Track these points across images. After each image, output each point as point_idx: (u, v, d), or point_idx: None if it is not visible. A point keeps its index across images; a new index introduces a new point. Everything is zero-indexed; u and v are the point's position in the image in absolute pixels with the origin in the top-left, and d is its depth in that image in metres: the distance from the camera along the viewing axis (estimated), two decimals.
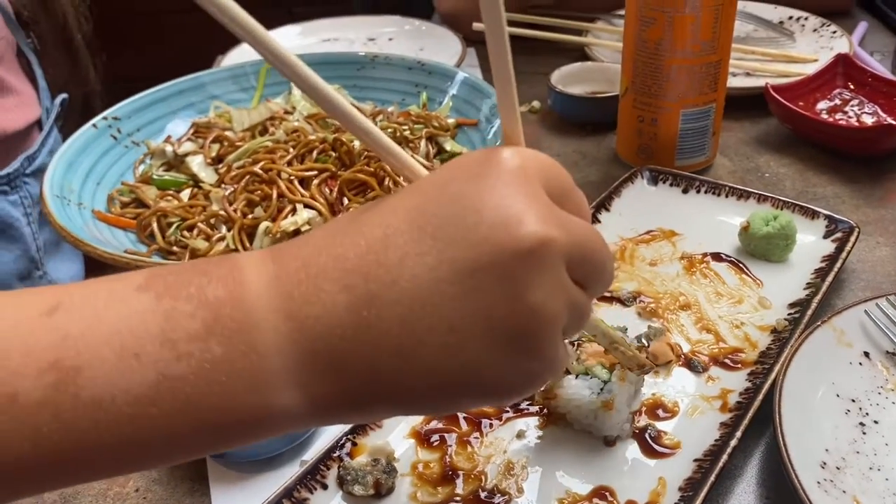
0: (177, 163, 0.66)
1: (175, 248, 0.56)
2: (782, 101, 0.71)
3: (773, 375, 0.45)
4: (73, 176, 0.60)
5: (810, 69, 0.80)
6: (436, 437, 0.44)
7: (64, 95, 0.79)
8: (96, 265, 0.49)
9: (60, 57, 0.80)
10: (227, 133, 0.69)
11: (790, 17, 0.93)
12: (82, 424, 0.25)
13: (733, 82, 0.81)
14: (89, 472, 0.27)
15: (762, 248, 0.56)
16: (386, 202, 0.29)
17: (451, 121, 0.70)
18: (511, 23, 0.94)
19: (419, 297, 0.27)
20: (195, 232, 0.57)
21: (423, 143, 0.67)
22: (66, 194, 0.58)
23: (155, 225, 0.58)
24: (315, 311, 0.27)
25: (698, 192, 0.63)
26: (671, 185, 0.64)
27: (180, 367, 0.25)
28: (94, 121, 0.66)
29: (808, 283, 0.53)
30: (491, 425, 0.45)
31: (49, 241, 0.73)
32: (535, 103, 0.83)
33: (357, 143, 0.63)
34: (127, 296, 0.26)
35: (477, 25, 0.92)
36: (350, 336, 0.26)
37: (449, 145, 0.68)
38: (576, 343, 0.46)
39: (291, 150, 0.63)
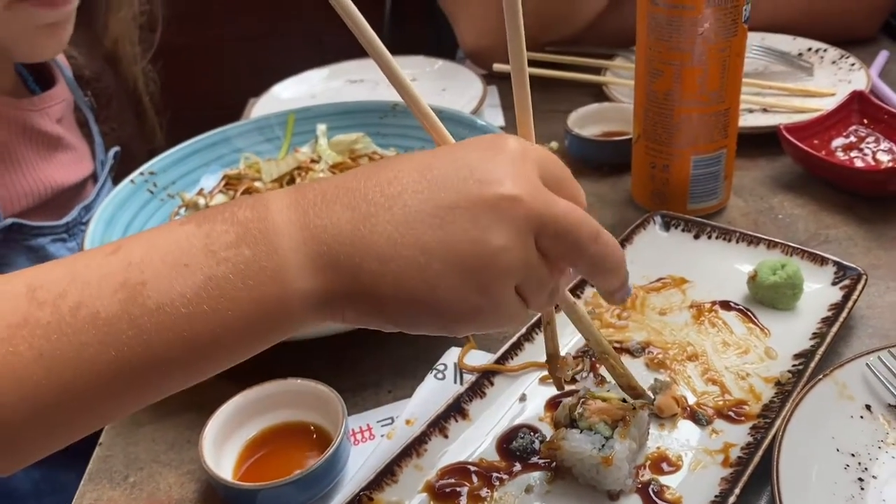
0: None
1: None
2: (795, 142, 0.72)
3: (773, 430, 0.47)
4: (113, 231, 0.64)
5: (828, 103, 0.81)
6: (448, 490, 0.46)
7: (117, 148, 0.84)
8: None
9: (127, 116, 0.85)
10: (257, 184, 0.72)
11: (809, 49, 0.94)
12: (151, 327, 0.32)
13: (749, 120, 0.82)
14: (159, 375, 0.33)
15: (770, 296, 0.57)
16: (405, 156, 0.37)
17: None
18: (529, 63, 0.96)
19: (405, 220, 0.34)
20: None
21: None
22: None
23: None
24: (323, 223, 0.34)
25: (709, 237, 0.65)
26: (683, 230, 0.66)
27: (220, 269, 0.32)
28: (131, 176, 0.70)
29: (814, 333, 0.54)
30: (501, 480, 0.47)
31: None
32: (553, 144, 0.85)
33: None
34: (174, 228, 0.34)
35: (497, 66, 0.94)
36: (348, 242, 0.34)
37: None
38: (581, 399, 0.48)
39: None
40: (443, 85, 0.98)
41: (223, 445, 0.49)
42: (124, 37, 0.83)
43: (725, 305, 0.59)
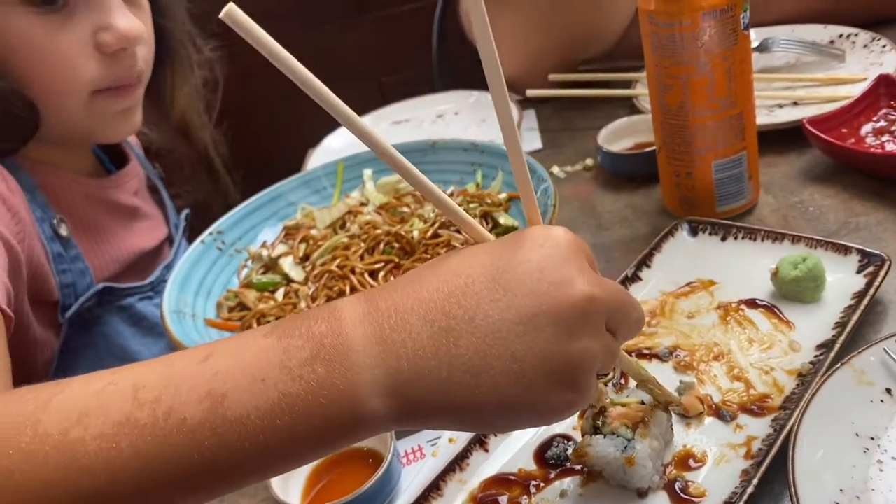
0: (272, 264, 0.77)
1: None
2: (819, 134, 0.73)
3: (792, 420, 0.49)
4: (187, 291, 0.72)
5: (860, 89, 0.81)
6: (489, 500, 0.51)
7: (187, 210, 0.93)
8: None
9: (202, 177, 0.94)
10: (312, 232, 0.79)
11: (840, 36, 0.94)
12: (230, 436, 0.34)
13: (780, 116, 0.83)
14: (235, 476, 0.36)
15: (793, 291, 0.59)
16: (461, 257, 0.39)
17: (502, 195, 0.77)
18: (563, 84, 1.00)
19: (490, 331, 0.36)
20: None
21: (478, 220, 0.74)
22: (182, 308, 0.70)
23: (255, 326, 0.69)
24: (401, 337, 0.35)
25: (736, 238, 0.67)
26: (710, 234, 0.68)
27: (295, 386, 0.35)
28: (201, 237, 0.78)
29: (836, 323, 0.56)
30: (538, 487, 0.51)
31: None
32: (589, 161, 0.88)
33: (415, 234, 0.71)
34: (257, 341, 0.37)
35: (530, 92, 0.99)
36: (431, 356, 0.35)
37: (503, 219, 0.75)
38: (602, 407, 0.51)
39: (363, 244, 0.73)
40: (481, 115, 1.03)
41: (291, 475, 0.55)
42: (190, 107, 0.91)
43: (751, 303, 0.61)
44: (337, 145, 1.03)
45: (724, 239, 0.68)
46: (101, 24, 0.69)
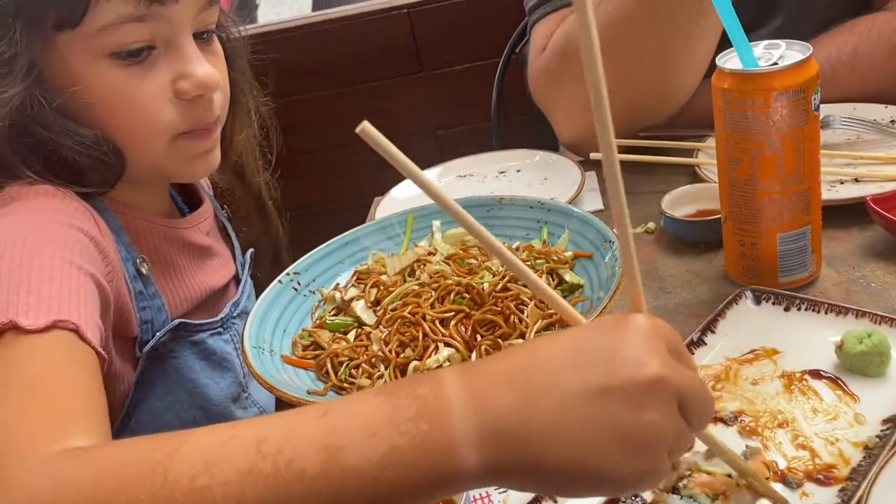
0: (344, 307, 0.80)
1: (345, 385, 0.70)
2: (882, 212, 0.75)
3: (860, 491, 0.50)
4: (266, 328, 0.76)
5: None
6: None
7: (252, 250, 0.97)
8: None
9: (255, 219, 0.98)
10: (383, 277, 0.83)
11: None
12: (343, 486, 0.39)
13: (841, 192, 0.86)
14: None
15: (858, 364, 0.61)
16: (550, 337, 0.45)
17: (568, 253, 0.80)
18: (624, 149, 1.04)
19: (566, 401, 0.40)
20: (360, 370, 0.70)
21: (544, 276, 0.77)
22: (261, 344, 0.73)
23: (329, 365, 0.72)
24: (491, 404, 0.40)
25: (799, 309, 0.69)
26: (773, 303, 0.70)
27: (401, 440, 0.39)
28: (279, 277, 0.82)
29: None
30: None
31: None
32: (651, 224, 0.91)
33: (486, 286, 0.74)
34: (368, 400, 0.42)
35: (593, 155, 1.02)
36: (514, 421, 0.40)
37: (568, 276, 0.78)
38: (688, 470, 0.53)
39: (433, 292, 0.76)
40: (544, 174, 1.07)
41: None
42: (247, 152, 0.95)
43: (815, 374, 0.63)
44: (404, 195, 1.07)
45: (787, 309, 0.70)
46: (180, 72, 0.72)
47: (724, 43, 0.97)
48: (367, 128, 0.41)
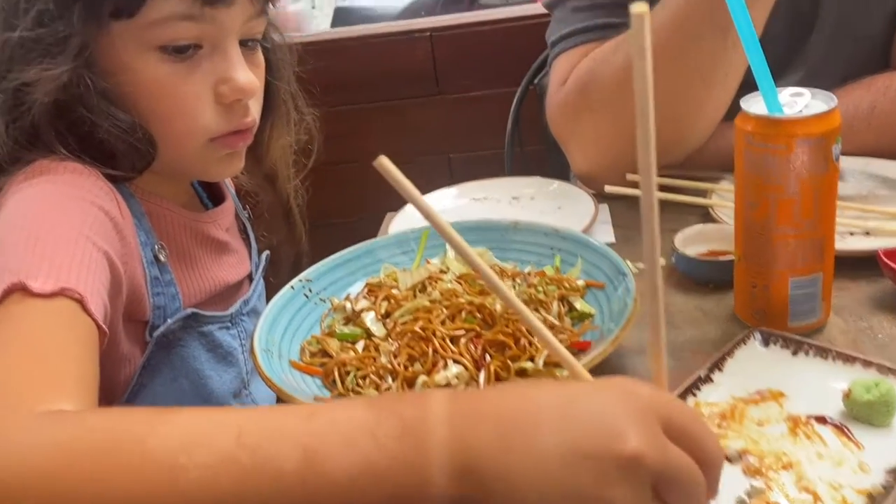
0: (354, 317, 0.81)
1: (351, 395, 0.70)
2: (893, 265, 0.76)
3: None
4: (276, 331, 0.76)
5: None
6: None
7: (267, 252, 0.98)
8: None
9: (280, 224, 1.00)
10: (394, 291, 0.83)
11: None
12: (315, 490, 0.40)
13: (850, 243, 0.87)
14: None
15: (864, 413, 0.61)
16: (548, 384, 0.47)
17: (580, 282, 0.81)
18: (637, 185, 1.04)
19: (543, 454, 0.41)
20: (367, 381, 0.70)
21: (555, 303, 0.78)
22: (270, 347, 0.74)
23: (336, 373, 0.72)
24: (472, 436, 0.41)
25: (807, 354, 0.69)
26: (782, 346, 0.71)
27: (378, 454, 0.40)
28: (291, 283, 0.83)
29: None
30: None
31: (252, 366, 0.90)
32: (661, 260, 0.92)
33: (498, 307, 0.75)
34: (356, 411, 0.43)
35: (609, 189, 1.03)
36: (490, 458, 0.40)
37: (579, 304, 0.78)
38: None
39: (444, 310, 0.76)
40: (558, 203, 1.08)
41: None
42: (281, 160, 0.97)
43: (821, 420, 0.63)
44: (416, 213, 1.07)
45: (795, 353, 0.70)
46: (222, 76, 0.75)
47: (744, 87, 0.99)
48: (383, 162, 0.44)
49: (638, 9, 0.38)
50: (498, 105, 1.77)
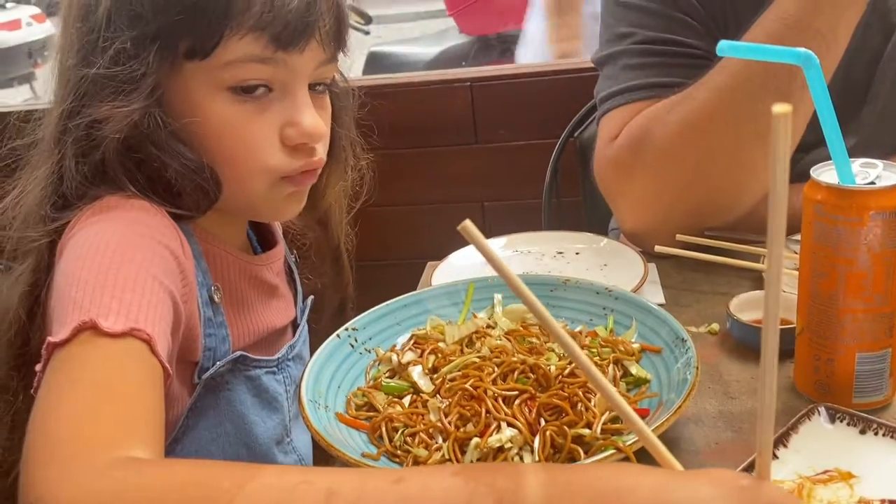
0: (400, 370, 0.79)
1: (399, 453, 0.68)
2: None
3: None
4: (322, 382, 0.74)
5: None
6: None
7: (311, 297, 0.97)
8: None
9: (328, 269, 0.99)
10: (440, 345, 0.81)
11: None
12: None
13: None
14: None
15: None
16: (643, 472, 0.44)
17: (635, 345, 0.79)
18: (687, 246, 1.03)
19: None
20: (416, 439, 0.68)
21: (610, 367, 0.75)
22: (317, 398, 0.72)
23: (384, 429, 0.70)
24: None
25: (876, 434, 0.67)
26: (848, 424, 0.68)
27: None
28: (337, 332, 0.81)
29: None
30: None
31: (294, 413, 0.89)
32: (715, 325, 0.90)
33: (553, 368, 0.73)
34: (445, 478, 0.43)
35: (659, 248, 1.02)
36: None
37: (634, 369, 0.76)
38: None
39: (496, 367, 0.74)
40: (604, 260, 1.06)
41: None
42: (336, 204, 0.98)
43: None
44: (462, 263, 1.06)
45: (863, 432, 0.67)
46: (289, 119, 0.76)
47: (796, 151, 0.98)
48: (468, 226, 0.44)
49: (780, 109, 0.37)
50: (534, 156, 1.77)
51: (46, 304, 0.69)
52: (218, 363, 0.78)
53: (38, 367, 0.58)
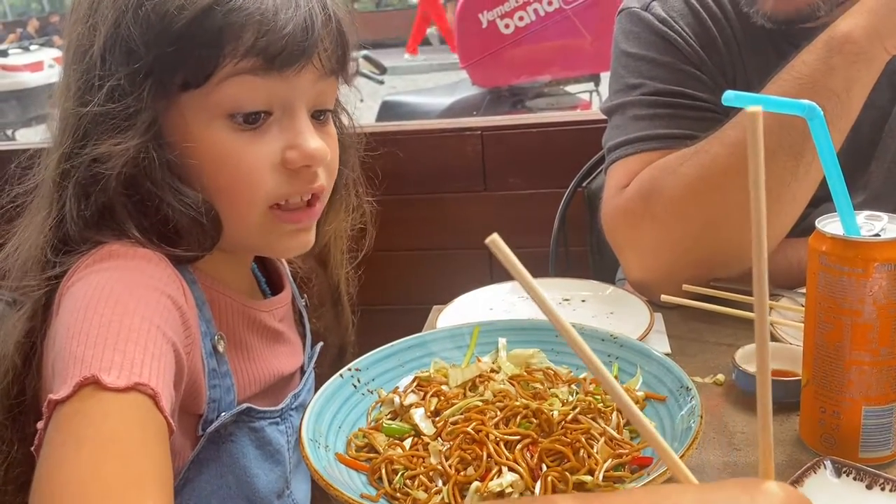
0: (401, 412, 0.78)
1: (398, 495, 0.67)
2: None
3: None
4: (322, 422, 0.74)
5: None
6: None
7: (321, 343, 0.96)
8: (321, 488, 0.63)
9: (328, 311, 0.98)
10: (444, 387, 0.81)
11: None
12: None
13: None
14: None
15: None
16: (673, 487, 0.46)
17: (640, 393, 0.78)
18: (694, 296, 1.03)
19: None
20: (416, 482, 0.68)
21: (614, 414, 0.75)
22: (318, 437, 0.71)
23: (383, 471, 0.69)
24: None
25: (882, 489, 0.65)
26: (854, 478, 0.67)
27: None
28: (340, 371, 0.81)
29: None
30: None
31: (294, 463, 0.87)
32: (720, 376, 0.89)
33: (556, 413, 0.72)
34: None
35: (665, 297, 1.02)
36: None
37: None
38: None
39: (498, 411, 0.74)
40: (611, 308, 1.06)
41: None
42: (335, 244, 0.96)
43: None
44: (467, 307, 1.06)
45: (869, 487, 0.66)
46: (291, 142, 0.74)
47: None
48: (495, 240, 0.44)
49: (752, 108, 0.40)
50: (542, 205, 1.78)
51: (42, 353, 0.68)
52: (223, 415, 0.76)
53: (39, 425, 0.56)
